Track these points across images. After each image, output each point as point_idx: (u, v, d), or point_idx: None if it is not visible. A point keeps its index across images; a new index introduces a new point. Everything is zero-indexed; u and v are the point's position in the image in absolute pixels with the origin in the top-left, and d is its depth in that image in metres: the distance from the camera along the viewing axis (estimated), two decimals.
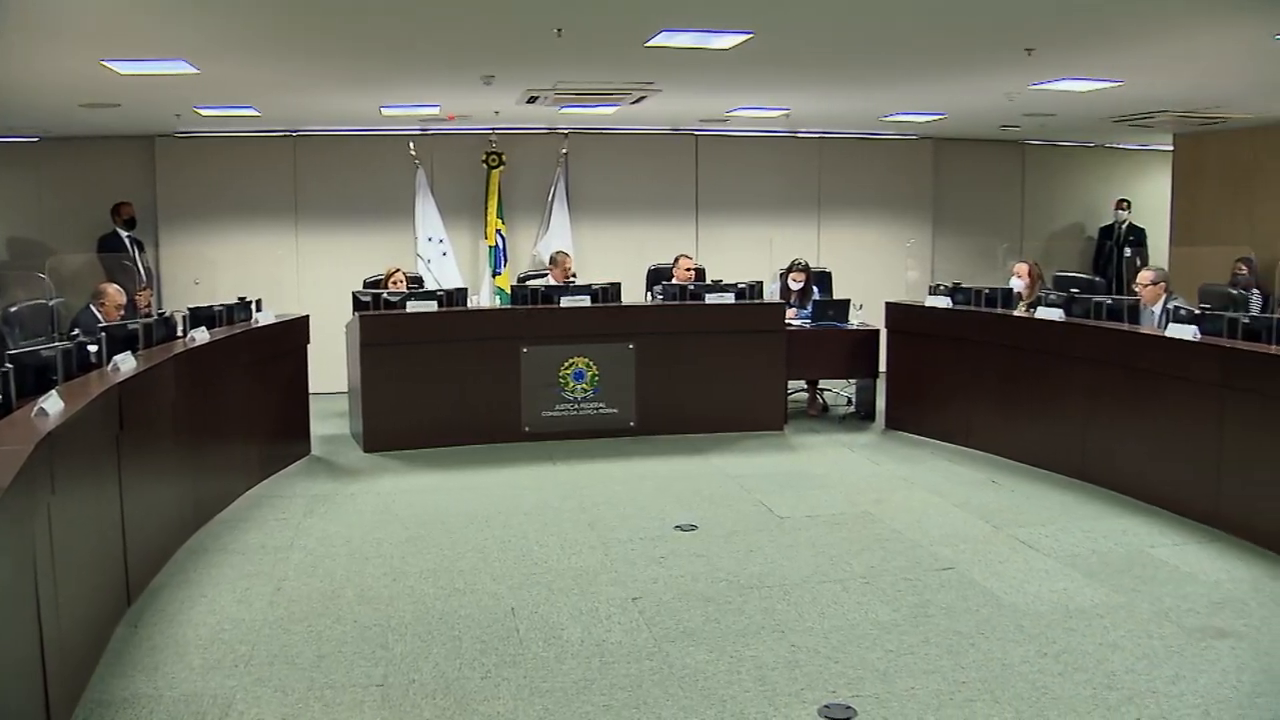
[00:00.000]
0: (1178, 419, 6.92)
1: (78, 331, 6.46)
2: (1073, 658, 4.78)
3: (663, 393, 9.22)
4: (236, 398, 7.53)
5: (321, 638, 5.00)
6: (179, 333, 7.29)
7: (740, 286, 9.65)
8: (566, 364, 9.00)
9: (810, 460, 8.52)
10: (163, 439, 6.09)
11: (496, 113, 10.48)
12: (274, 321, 8.38)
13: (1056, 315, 8.23)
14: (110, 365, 5.77)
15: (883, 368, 9.83)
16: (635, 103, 9.65)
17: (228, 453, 7.34)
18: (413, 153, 11.61)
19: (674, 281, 10.12)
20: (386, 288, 9.60)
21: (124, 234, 11.00)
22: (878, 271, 12.55)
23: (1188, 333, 7.01)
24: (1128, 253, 13.42)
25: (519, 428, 8.97)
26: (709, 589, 5.64)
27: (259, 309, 8.40)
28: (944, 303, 9.23)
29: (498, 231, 11.83)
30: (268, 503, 7.31)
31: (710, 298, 9.48)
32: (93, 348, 5.89)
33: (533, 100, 9.49)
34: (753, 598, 5.51)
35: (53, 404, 4.50)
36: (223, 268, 10.85)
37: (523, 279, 10.67)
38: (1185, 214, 12.88)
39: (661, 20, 6.31)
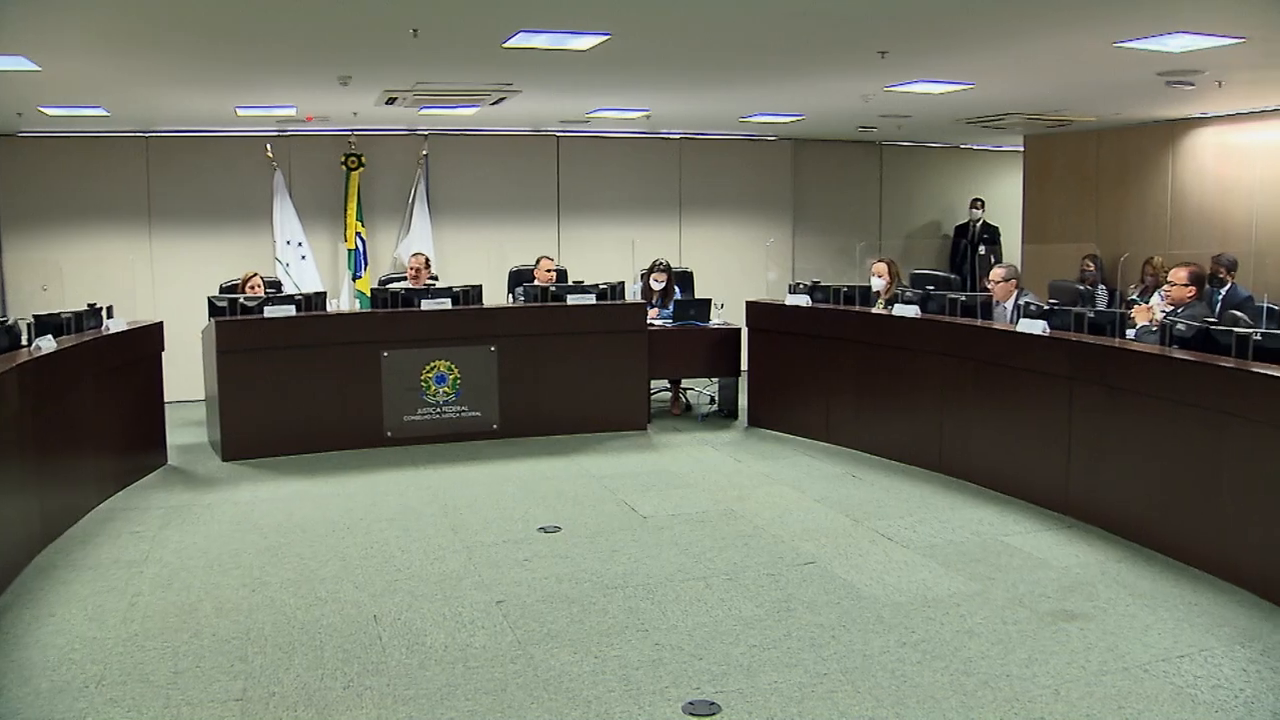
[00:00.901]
0: (1029, 411, 7.13)
1: None
2: (931, 646, 4.90)
3: (525, 394, 9.20)
4: (86, 408, 7.30)
5: (178, 653, 4.88)
6: (23, 341, 7.04)
7: (602, 287, 9.68)
8: (428, 367, 8.93)
9: (673, 459, 8.57)
10: (5, 453, 5.86)
11: (355, 114, 10.34)
12: (126, 329, 8.14)
13: (912, 312, 8.41)
14: None
15: (744, 366, 9.95)
16: (495, 104, 9.61)
17: (78, 465, 7.11)
18: (270, 154, 11.41)
19: (535, 283, 10.10)
20: (243, 292, 9.40)
21: None
22: (739, 271, 12.71)
23: (1037, 327, 7.22)
24: (982, 250, 13.77)
25: (381, 433, 8.87)
26: (573, 590, 5.64)
27: (110, 316, 8.17)
28: (803, 301, 9.37)
29: (357, 234, 11.68)
30: (121, 516, 7.11)
31: (572, 299, 9.49)
32: None
33: (391, 101, 9.39)
34: (617, 598, 5.53)
35: None
36: (72, 274, 10.54)
37: (384, 281, 10.56)
38: (1035, 212, 13.28)
39: (519, 21, 6.28)
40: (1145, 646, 4.88)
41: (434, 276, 10.52)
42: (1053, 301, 7.95)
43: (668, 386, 10.57)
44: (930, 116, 10.91)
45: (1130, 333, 7.12)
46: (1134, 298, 8.75)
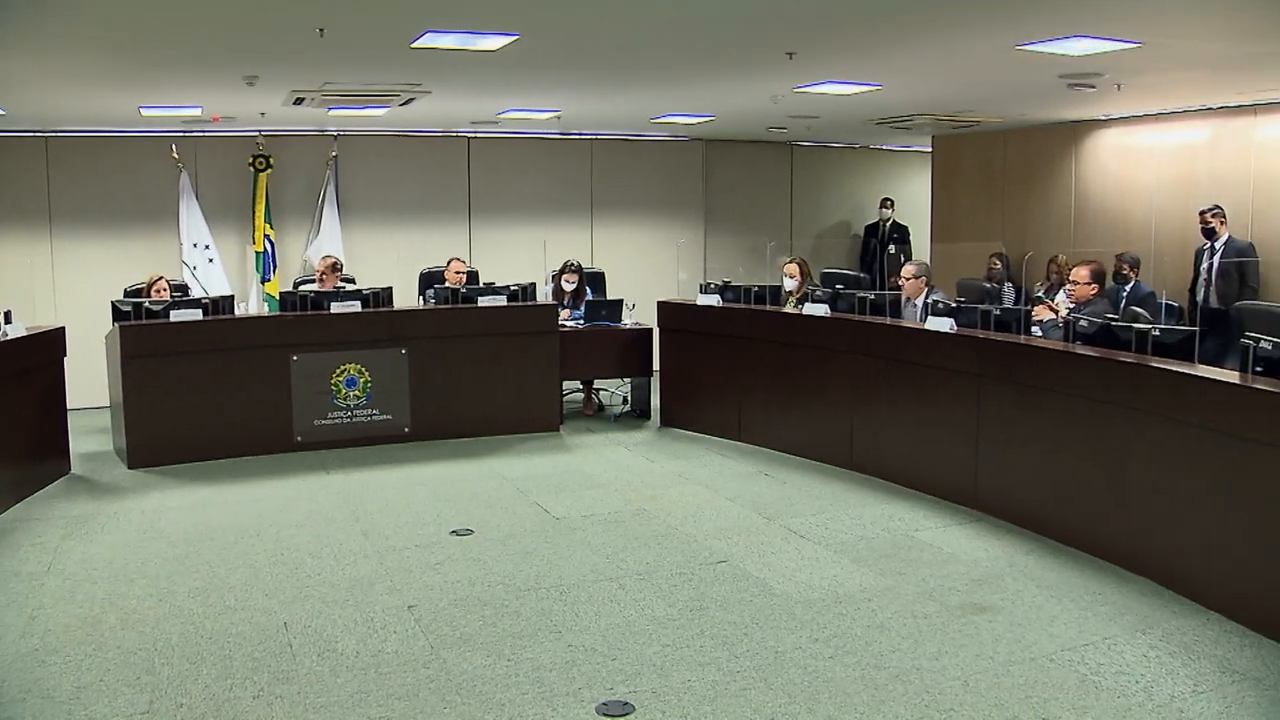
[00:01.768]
0: (938, 408, 7.24)
1: None
2: (842, 641, 4.96)
3: (437, 397, 9.14)
4: None
5: (81, 667, 4.77)
6: None
7: (513, 288, 9.66)
8: (338, 371, 8.84)
9: (586, 460, 8.57)
10: None
11: (263, 114, 10.20)
12: (26, 334, 7.95)
13: (822, 311, 8.49)
14: None
15: (657, 366, 9.97)
16: (405, 104, 9.53)
17: None
18: (175, 155, 11.21)
19: (446, 285, 10.04)
20: (148, 296, 9.24)
21: None
22: (650, 271, 12.75)
23: (945, 325, 7.33)
24: (892, 250, 13.96)
25: (291, 437, 8.76)
26: (485, 593, 5.62)
27: (8, 321, 7.97)
28: (714, 301, 9.42)
29: (266, 237, 11.53)
30: (22, 527, 6.93)
31: (483, 300, 9.45)
32: None
33: (299, 102, 9.28)
34: (529, 600, 5.52)
35: None
36: None
37: (298, 284, 10.43)
38: (944, 212, 13.48)
39: (426, 21, 6.23)
40: (1051, 636, 4.99)
41: (348, 279, 10.41)
42: (960, 299, 8.06)
43: (580, 387, 10.56)
44: (839, 117, 11.01)
45: (1036, 330, 7.25)
46: (1039, 295, 8.90)
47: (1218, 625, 5.10)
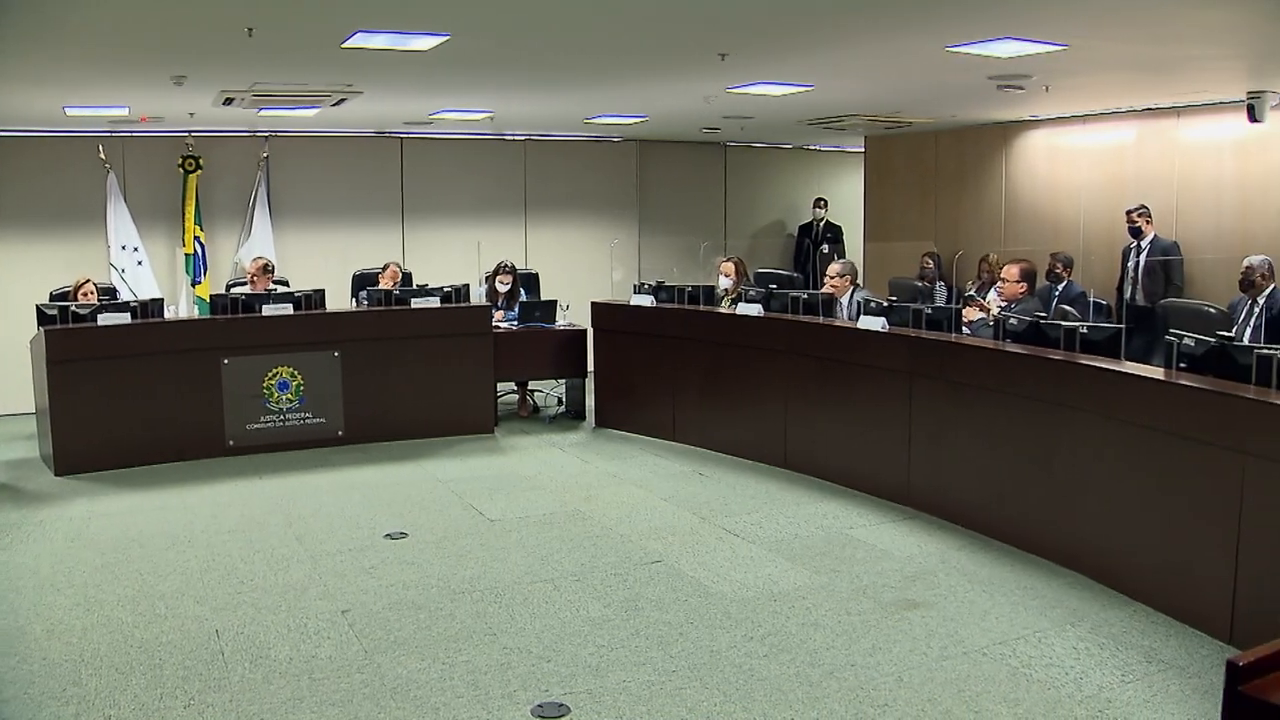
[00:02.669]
0: (870, 406, 7.30)
1: None
2: (778, 639, 4.99)
3: (371, 400, 9.09)
4: None
5: (3, 680, 4.68)
6: None
7: (447, 290, 9.62)
8: (270, 374, 8.75)
9: (521, 461, 8.56)
10: None
11: (192, 114, 10.05)
12: None
13: (755, 310, 8.53)
14: None
15: (591, 367, 9.97)
16: (336, 105, 9.46)
17: None
18: (102, 156, 11.03)
19: (379, 287, 9.98)
20: (75, 300, 9.09)
21: None
22: (584, 272, 12.74)
23: (876, 324, 7.39)
24: (825, 249, 14.03)
25: (222, 442, 8.66)
26: (420, 597, 5.59)
27: None
28: (648, 301, 9.44)
29: (196, 239, 11.39)
30: None
31: (416, 302, 9.41)
32: None
33: (229, 102, 9.17)
34: (464, 602, 5.50)
35: None
36: None
37: (230, 286, 10.31)
38: (877, 211, 13.57)
39: (356, 21, 6.18)
40: (983, 631, 5.06)
41: (281, 281, 10.31)
42: (892, 298, 8.13)
43: (515, 389, 10.53)
44: (772, 118, 11.06)
45: (967, 328, 7.32)
46: (971, 294, 9.00)
47: (1144, 617, 5.20)
